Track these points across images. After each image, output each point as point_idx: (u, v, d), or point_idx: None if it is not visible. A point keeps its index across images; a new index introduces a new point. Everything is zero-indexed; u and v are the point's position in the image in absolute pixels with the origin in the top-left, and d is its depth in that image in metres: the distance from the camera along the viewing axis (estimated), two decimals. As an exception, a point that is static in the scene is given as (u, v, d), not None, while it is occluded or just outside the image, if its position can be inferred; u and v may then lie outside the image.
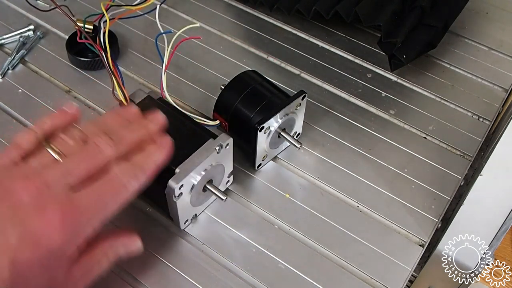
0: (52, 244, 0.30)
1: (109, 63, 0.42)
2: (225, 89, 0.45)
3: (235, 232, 0.43)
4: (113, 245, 0.35)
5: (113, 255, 0.35)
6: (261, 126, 0.41)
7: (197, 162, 0.38)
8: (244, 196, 0.45)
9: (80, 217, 0.31)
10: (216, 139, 0.40)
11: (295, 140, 0.45)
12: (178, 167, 0.38)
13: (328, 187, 0.46)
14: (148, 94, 0.43)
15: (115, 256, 0.35)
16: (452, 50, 0.59)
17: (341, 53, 0.59)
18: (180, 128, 0.41)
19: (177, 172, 0.38)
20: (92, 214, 0.32)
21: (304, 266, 0.41)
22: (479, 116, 0.53)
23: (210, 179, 0.41)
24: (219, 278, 0.40)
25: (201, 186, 0.40)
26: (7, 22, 0.59)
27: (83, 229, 0.31)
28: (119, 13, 0.50)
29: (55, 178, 0.31)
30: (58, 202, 0.30)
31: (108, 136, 0.33)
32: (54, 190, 0.30)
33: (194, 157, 0.39)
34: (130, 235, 0.36)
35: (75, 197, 0.31)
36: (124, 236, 0.36)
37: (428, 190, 0.46)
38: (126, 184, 0.33)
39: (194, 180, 0.39)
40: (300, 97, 0.44)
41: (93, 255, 0.33)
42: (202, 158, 0.38)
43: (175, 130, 0.40)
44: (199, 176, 0.39)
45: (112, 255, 0.35)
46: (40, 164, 0.32)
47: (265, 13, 0.63)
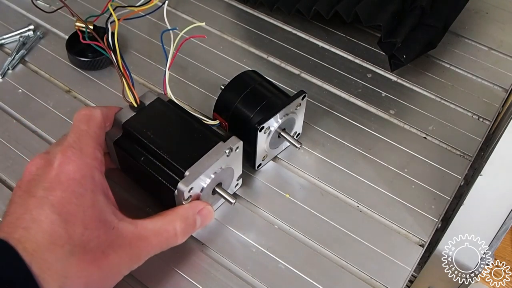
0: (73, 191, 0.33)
1: (119, 64, 0.42)
2: (225, 89, 0.45)
3: (235, 232, 0.43)
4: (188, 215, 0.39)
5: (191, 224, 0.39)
6: (261, 126, 0.41)
7: (207, 165, 0.38)
8: (244, 196, 0.45)
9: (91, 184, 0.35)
10: (226, 142, 0.40)
11: (295, 140, 0.45)
12: (188, 169, 0.38)
13: (328, 187, 0.46)
14: (158, 96, 0.43)
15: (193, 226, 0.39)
16: (452, 50, 0.59)
17: (341, 53, 0.59)
18: (190, 131, 0.41)
19: (186, 174, 0.38)
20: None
21: (304, 266, 0.41)
22: (479, 116, 0.53)
23: (220, 182, 0.41)
24: (219, 278, 0.40)
25: (211, 189, 0.40)
26: (7, 22, 0.59)
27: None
28: (123, 14, 0.51)
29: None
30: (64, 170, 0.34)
31: None
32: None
33: (204, 160, 0.38)
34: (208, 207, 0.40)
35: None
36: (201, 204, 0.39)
37: (428, 190, 0.46)
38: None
39: (204, 183, 0.39)
40: (300, 97, 0.44)
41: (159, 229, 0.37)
42: (212, 161, 0.38)
43: (184, 133, 0.40)
44: (209, 179, 0.39)
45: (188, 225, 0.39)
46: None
47: (265, 13, 0.63)
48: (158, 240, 0.36)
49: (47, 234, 0.31)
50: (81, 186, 0.33)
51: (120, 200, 0.44)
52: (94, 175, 0.34)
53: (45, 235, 0.30)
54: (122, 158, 0.42)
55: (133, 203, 0.44)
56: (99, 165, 0.36)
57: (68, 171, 0.33)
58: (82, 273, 0.31)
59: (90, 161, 0.35)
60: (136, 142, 0.40)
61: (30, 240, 0.30)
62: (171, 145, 0.39)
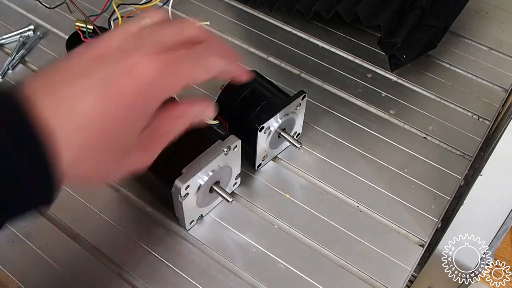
0: (138, 85, 0.30)
1: None
2: (225, 89, 0.45)
3: (235, 232, 0.43)
4: (188, 111, 0.35)
5: (186, 121, 0.35)
6: (261, 126, 0.41)
7: (204, 163, 0.38)
8: (244, 196, 0.45)
9: (164, 71, 0.31)
10: (224, 140, 0.40)
11: (295, 140, 0.45)
12: (185, 167, 0.38)
13: (328, 187, 0.46)
14: None
15: (187, 123, 0.35)
16: (452, 50, 0.59)
17: (341, 53, 0.59)
18: (189, 129, 0.41)
19: (184, 172, 0.38)
20: (178, 72, 0.32)
21: (304, 266, 0.41)
22: (479, 116, 0.53)
23: (217, 180, 0.41)
24: (219, 278, 0.40)
25: (208, 187, 0.40)
26: (7, 22, 0.59)
27: (170, 82, 0.32)
28: (125, 12, 0.51)
29: (151, 33, 0.32)
30: (155, 49, 0.31)
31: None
32: (149, 40, 0.32)
33: (201, 158, 0.38)
34: (205, 103, 0.36)
35: (170, 53, 0.32)
36: (198, 103, 0.36)
37: (428, 190, 0.46)
38: (209, 61, 0.33)
39: (201, 180, 0.39)
40: (300, 97, 0.44)
41: (168, 118, 0.34)
42: (209, 159, 0.38)
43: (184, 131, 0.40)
44: (206, 177, 0.39)
45: (186, 121, 0.35)
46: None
47: (265, 13, 0.63)
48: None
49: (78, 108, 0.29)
50: (143, 96, 0.31)
51: (120, 199, 0.44)
52: (158, 101, 0.32)
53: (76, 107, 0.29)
54: None
55: (133, 202, 0.44)
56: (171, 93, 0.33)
57: (145, 75, 0.31)
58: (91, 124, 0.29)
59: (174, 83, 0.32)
60: None
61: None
62: (169, 142, 0.40)
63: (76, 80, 0.29)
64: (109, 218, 0.43)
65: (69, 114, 0.29)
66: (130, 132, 0.31)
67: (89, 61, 0.30)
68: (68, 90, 0.29)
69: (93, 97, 0.29)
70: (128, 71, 0.30)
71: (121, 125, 0.30)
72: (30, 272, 0.39)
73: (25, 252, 0.40)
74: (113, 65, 0.30)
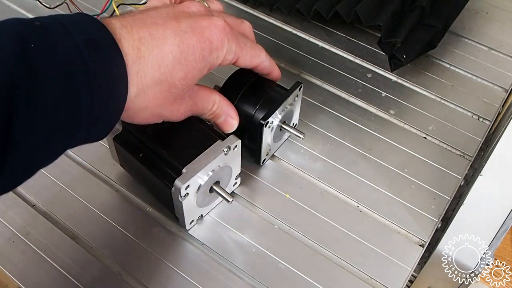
0: (212, 41, 0.35)
1: None
2: (223, 88, 0.45)
3: (235, 232, 0.43)
4: (223, 104, 0.40)
5: (216, 113, 0.40)
6: (266, 121, 0.42)
7: (204, 163, 0.38)
8: (244, 196, 0.45)
9: (233, 38, 0.37)
10: (224, 140, 0.40)
11: (297, 131, 0.45)
12: (185, 167, 0.38)
13: (328, 187, 0.46)
14: None
15: (215, 115, 0.40)
16: (452, 50, 0.59)
17: (341, 53, 0.59)
18: (189, 128, 0.41)
19: (184, 172, 0.38)
20: (240, 47, 0.38)
21: (304, 266, 0.41)
22: (479, 116, 0.53)
23: (217, 180, 0.41)
24: (219, 278, 0.40)
25: (208, 187, 0.40)
26: (7, 22, 0.59)
27: (233, 49, 0.37)
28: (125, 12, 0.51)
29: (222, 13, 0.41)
30: (221, 19, 0.36)
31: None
32: (223, 15, 0.39)
33: (201, 158, 0.38)
34: (236, 115, 0.41)
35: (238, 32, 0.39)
36: (235, 115, 0.41)
37: (428, 190, 0.46)
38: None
39: (201, 180, 0.39)
40: (297, 88, 0.45)
41: (208, 102, 0.39)
42: (209, 159, 0.38)
43: (183, 130, 0.40)
44: (206, 176, 0.39)
45: (215, 110, 0.40)
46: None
47: (265, 13, 0.63)
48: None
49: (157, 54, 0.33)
50: (205, 56, 0.35)
51: (120, 199, 0.44)
52: (218, 62, 0.37)
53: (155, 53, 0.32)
54: (121, 154, 0.43)
55: (133, 202, 0.44)
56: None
57: (221, 33, 0.36)
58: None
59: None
60: (135, 138, 0.41)
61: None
62: (170, 142, 0.40)
63: (166, 23, 0.34)
64: (109, 218, 0.43)
65: (156, 52, 0.32)
66: (189, 79, 0.35)
67: (177, 13, 0.35)
68: (157, 30, 0.33)
69: (178, 40, 0.33)
70: (210, 25, 0.35)
71: (188, 70, 0.34)
72: (30, 272, 0.39)
73: (25, 252, 0.40)
74: (198, 18, 0.35)
